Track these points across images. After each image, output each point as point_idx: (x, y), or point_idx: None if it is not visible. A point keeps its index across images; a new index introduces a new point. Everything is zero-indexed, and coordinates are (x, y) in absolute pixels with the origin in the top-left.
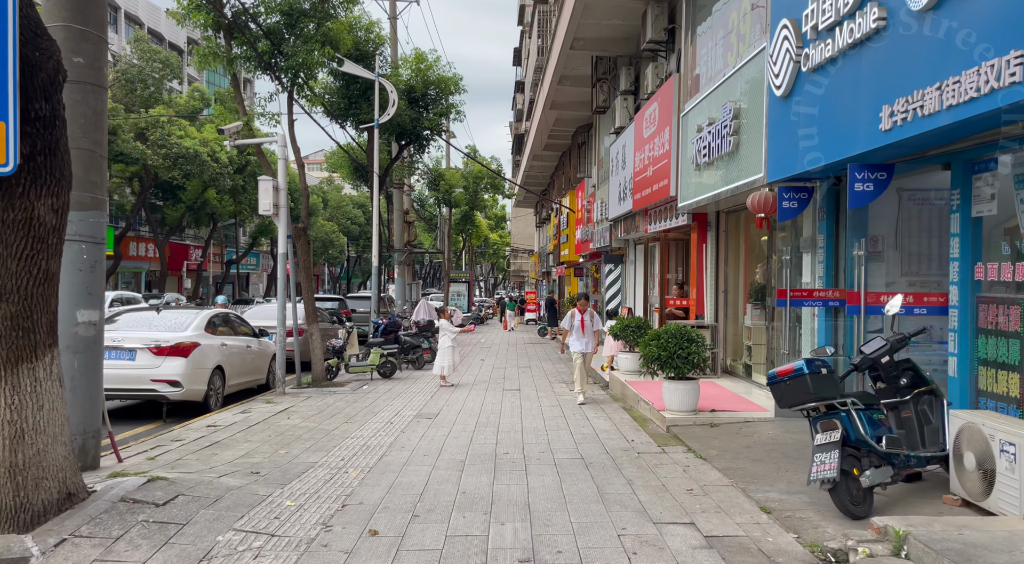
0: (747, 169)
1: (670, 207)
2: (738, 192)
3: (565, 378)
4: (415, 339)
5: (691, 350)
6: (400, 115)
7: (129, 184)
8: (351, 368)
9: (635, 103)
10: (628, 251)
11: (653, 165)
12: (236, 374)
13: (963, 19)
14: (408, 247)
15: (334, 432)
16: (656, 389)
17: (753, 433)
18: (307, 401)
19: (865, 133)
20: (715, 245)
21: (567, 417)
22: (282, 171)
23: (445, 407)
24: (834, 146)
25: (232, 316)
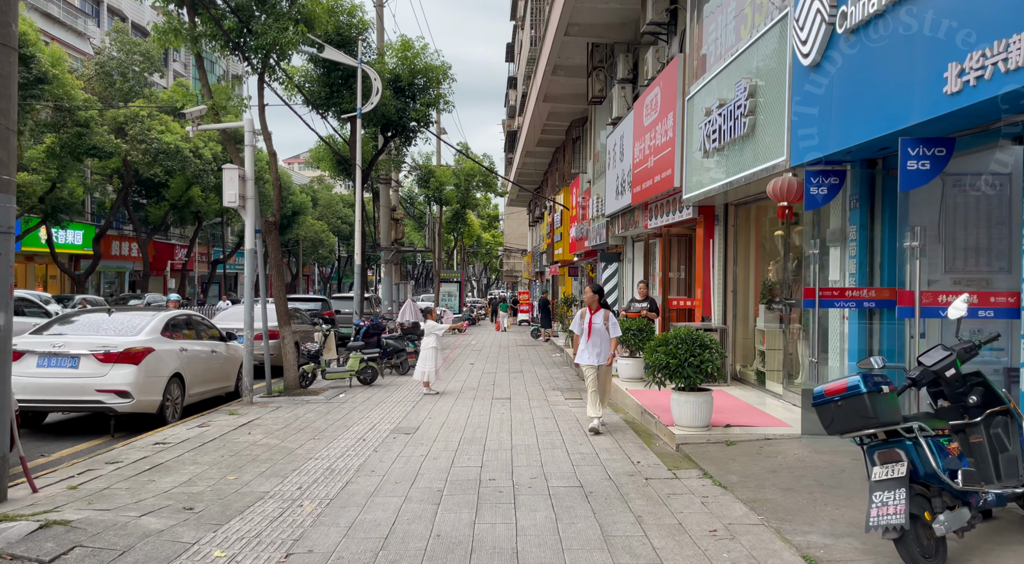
0: (765, 153)
1: (673, 200)
2: (754, 180)
3: (559, 384)
4: (399, 342)
5: (704, 357)
6: (385, 105)
7: (109, 181)
8: (328, 374)
9: (633, 92)
10: (626, 249)
11: (654, 155)
12: (199, 382)
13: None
14: (395, 245)
15: (297, 451)
16: (663, 400)
17: (776, 453)
18: (275, 412)
19: (922, 100)
20: (723, 241)
21: (562, 432)
22: (249, 159)
23: (427, 419)
24: (880, 118)
25: (195, 318)
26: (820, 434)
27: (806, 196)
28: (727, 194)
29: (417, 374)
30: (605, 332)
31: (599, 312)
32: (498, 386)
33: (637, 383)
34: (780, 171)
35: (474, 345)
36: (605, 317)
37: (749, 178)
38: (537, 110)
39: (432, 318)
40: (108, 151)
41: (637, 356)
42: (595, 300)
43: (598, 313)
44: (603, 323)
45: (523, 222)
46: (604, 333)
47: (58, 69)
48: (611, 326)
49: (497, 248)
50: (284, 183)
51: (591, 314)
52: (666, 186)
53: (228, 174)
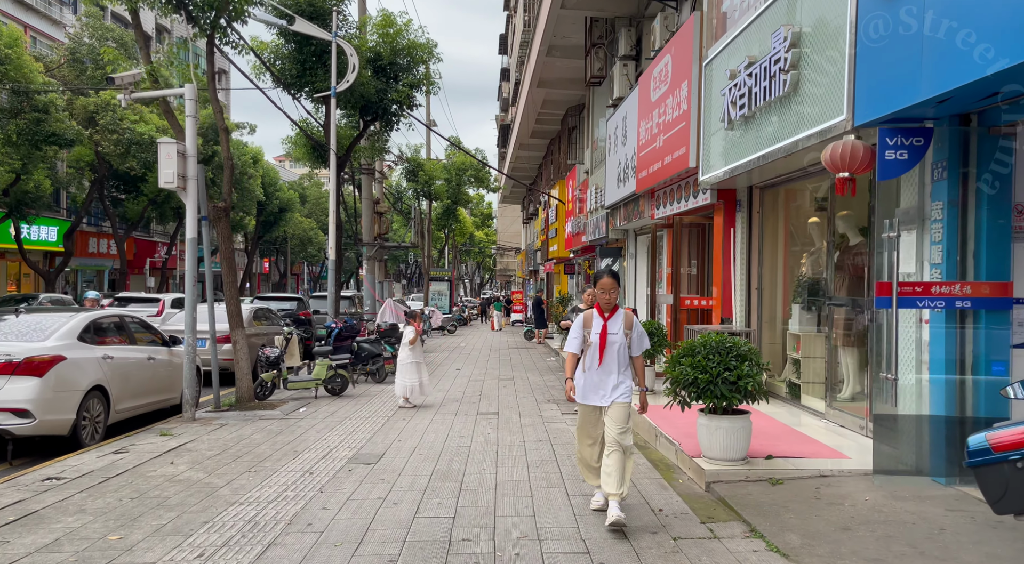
0: (815, 114)
1: (686, 184)
2: (797, 150)
3: (555, 395)
4: (374, 346)
5: (741, 371)
6: (364, 85)
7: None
8: (291, 384)
9: (636, 70)
10: (628, 243)
11: (664, 133)
12: (130, 395)
13: None
14: (379, 240)
15: (221, 491)
16: (685, 422)
17: (842, 499)
18: (216, 433)
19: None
20: (746, 230)
21: (560, 461)
22: (191, 132)
23: (396, 443)
24: (1005, 44)
25: (129, 319)
26: (895, 471)
27: (880, 163)
28: (752, 173)
29: (398, 389)
30: (625, 348)
31: (617, 315)
32: (485, 397)
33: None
34: (838, 134)
35: (463, 348)
36: (628, 323)
37: (790, 148)
38: (531, 97)
39: (416, 324)
40: (69, 138)
41: (650, 365)
42: (613, 293)
43: (616, 317)
44: (623, 333)
45: (516, 220)
46: (624, 351)
47: (15, 50)
48: (636, 337)
49: (490, 247)
50: (270, 179)
51: (605, 319)
52: (678, 167)
53: (164, 150)
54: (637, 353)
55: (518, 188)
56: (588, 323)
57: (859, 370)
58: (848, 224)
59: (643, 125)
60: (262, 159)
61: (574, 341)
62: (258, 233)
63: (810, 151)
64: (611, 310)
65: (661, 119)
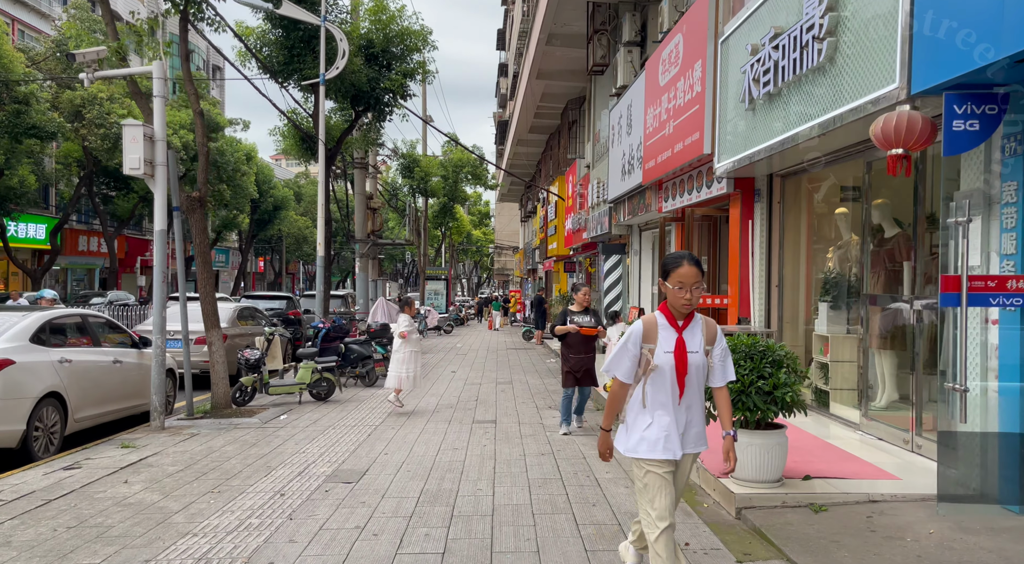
0: (857, 84)
1: (698, 174)
2: (836, 127)
3: (557, 401)
4: (364, 348)
5: (779, 379)
6: (355, 73)
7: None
8: (272, 389)
9: (641, 57)
10: (632, 239)
11: (675, 118)
12: (92, 402)
13: None
14: (372, 237)
15: (175, 519)
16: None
17: (902, 532)
18: (184, 444)
19: None
20: (766, 222)
21: (565, 480)
22: (159, 113)
23: (382, 457)
24: None
25: (93, 320)
26: (962, 498)
27: (946, 135)
28: (774, 160)
29: (389, 381)
30: (704, 374)
31: (695, 324)
32: (482, 403)
33: None
34: (889, 106)
35: (459, 348)
36: (710, 335)
37: (827, 125)
38: (530, 89)
39: (410, 312)
40: (51, 131)
41: None
42: (697, 290)
43: (693, 327)
44: (703, 350)
45: (514, 218)
46: (701, 376)
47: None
48: (720, 357)
49: (488, 246)
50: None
51: (679, 329)
52: (691, 154)
53: (130, 133)
54: (721, 382)
55: (516, 186)
56: (651, 335)
57: (897, 376)
58: (884, 213)
59: (650, 112)
60: (256, 156)
61: (625, 362)
62: (252, 231)
63: (849, 129)
64: (687, 317)
65: (671, 104)
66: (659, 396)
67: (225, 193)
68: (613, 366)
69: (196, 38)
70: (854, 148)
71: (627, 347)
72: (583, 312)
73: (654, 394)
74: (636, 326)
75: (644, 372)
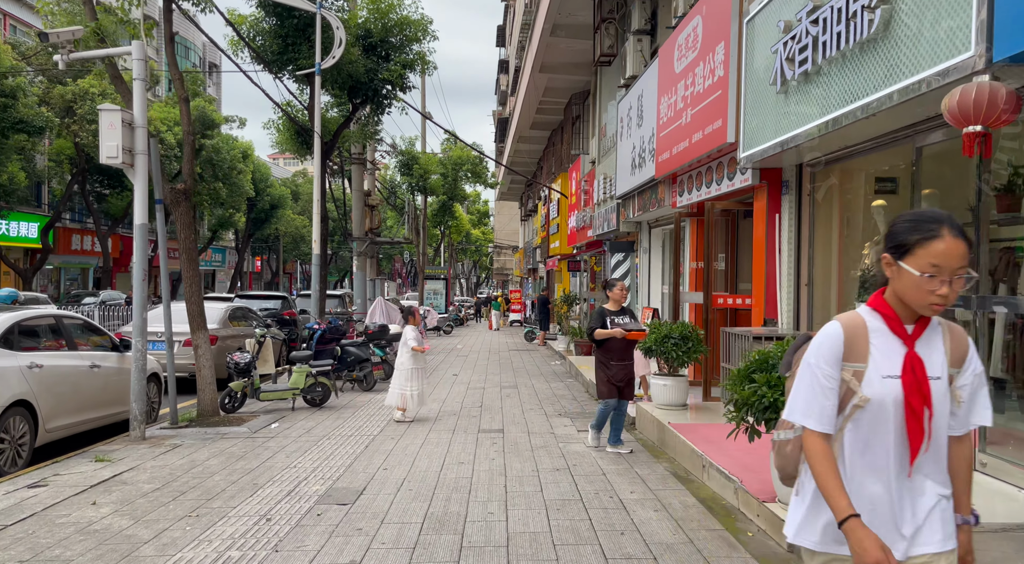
0: (922, 54)
1: (719, 165)
2: (891, 105)
3: (566, 406)
4: (361, 350)
5: None
6: (352, 63)
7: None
8: (264, 394)
9: (652, 46)
10: (641, 237)
11: (692, 106)
12: (67, 411)
13: None
14: (370, 235)
15: (142, 551)
16: (740, 450)
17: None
18: (165, 456)
19: None
20: (794, 215)
21: (586, 501)
22: (139, 97)
23: (381, 472)
24: None
25: (68, 321)
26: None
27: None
28: (804, 148)
29: (390, 398)
30: (948, 412)
31: (933, 331)
32: (487, 409)
33: (679, 412)
34: (962, 77)
35: (460, 350)
36: (958, 352)
37: (880, 104)
38: (532, 84)
39: (415, 321)
40: (39, 126)
41: (680, 375)
42: (961, 270)
43: (931, 335)
44: (947, 375)
45: (514, 217)
46: (945, 421)
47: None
48: (973, 386)
49: (487, 245)
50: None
51: (910, 339)
52: (712, 144)
53: (107, 118)
54: (965, 429)
55: (516, 184)
56: (858, 350)
57: None
58: (933, 205)
59: (664, 101)
60: (252, 154)
61: (819, 399)
62: (249, 230)
63: (903, 108)
64: (922, 320)
65: (688, 91)
66: (870, 454)
67: (221, 191)
68: (801, 408)
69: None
70: (901, 132)
71: (816, 372)
72: (620, 312)
73: (860, 450)
74: (830, 332)
75: (843, 411)
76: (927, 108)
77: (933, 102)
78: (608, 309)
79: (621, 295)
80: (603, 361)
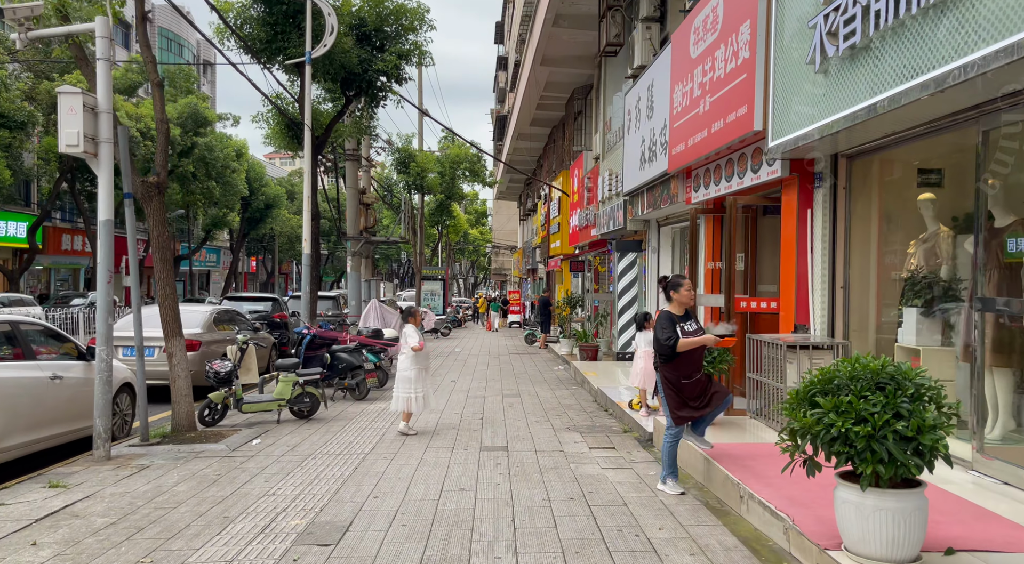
0: (1012, 14)
1: (742, 156)
2: (967, 77)
3: (575, 418)
4: (354, 356)
5: (923, 420)
6: (346, 54)
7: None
8: (246, 406)
9: (662, 33)
10: (649, 235)
11: (712, 93)
12: (21, 428)
13: None
14: (365, 234)
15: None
16: (786, 482)
17: None
18: (129, 480)
19: None
20: (828, 210)
21: (608, 541)
22: (103, 79)
23: (371, 501)
24: None
25: (25, 328)
26: None
27: None
28: (840, 137)
29: (394, 403)
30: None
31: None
32: (489, 422)
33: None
34: None
35: (458, 353)
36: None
37: (953, 77)
38: (533, 78)
39: (415, 322)
40: (20, 120)
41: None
42: None
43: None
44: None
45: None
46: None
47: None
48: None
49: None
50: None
51: None
52: (736, 133)
53: (66, 102)
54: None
55: (515, 183)
56: None
57: (1017, 399)
58: (997, 198)
59: (678, 90)
60: (247, 152)
61: None
62: (243, 230)
63: (976, 83)
64: None
65: (707, 77)
66: None
67: (214, 190)
68: None
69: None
70: (965, 114)
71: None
72: (686, 317)
73: None
74: None
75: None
76: (1016, 78)
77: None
78: (673, 313)
79: (688, 296)
80: (672, 380)
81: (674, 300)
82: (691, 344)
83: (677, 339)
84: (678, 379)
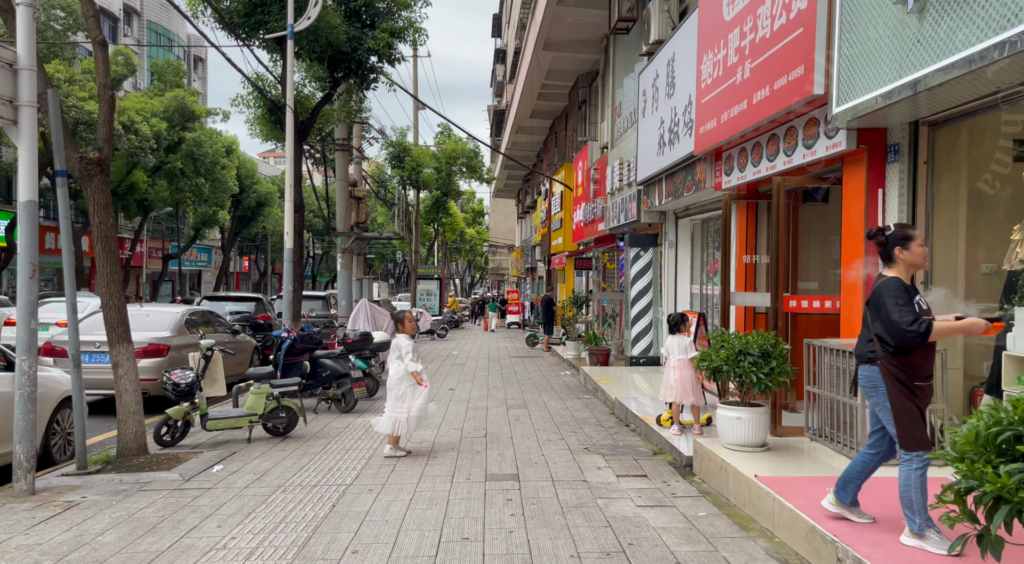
0: None
1: (791, 130)
2: None
3: (592, 435)
4: (339, 363)
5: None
6: (334, 31)
7: None
8: (211, 423)
9: (680, 5)
10: (666, 228)
11: (755, 57)
12: None
13: None
14: (356, 230)
15: None
16: (889, 530)
17: None
18: (46, 525)
19: None
20: (906, 191)
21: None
22: (24, 27)
23: (348, 556)
24: None
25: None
26: None
27: None
28: (933, 95)
29: (383, 425)
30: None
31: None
32: (494, 440)
33: (757, 457)
34: None
35: (456, 356)
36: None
37: None
38: (535, 63)
39: (407, 329)
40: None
41: (757, 403)
42: None
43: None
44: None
45: (510, 215)
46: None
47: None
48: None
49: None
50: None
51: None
52: (788, 100)
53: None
54: None
55: (513, 180)
56: None
57: None
58: None
59: (707, 60)
60: (237, 149)
61: None
62: (235, 229)
63: None
64: None
65: (746, 40)
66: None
67: (204, 187)
68: None
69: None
70: None
71: None
72: (914, 287)
73: None
74: None
75: None
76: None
77: None
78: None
79: (923, 255)
80: (905, 382)
81: (899, 261)
82: (951, 329)
83: (930, 322)
84: (911, 380)
